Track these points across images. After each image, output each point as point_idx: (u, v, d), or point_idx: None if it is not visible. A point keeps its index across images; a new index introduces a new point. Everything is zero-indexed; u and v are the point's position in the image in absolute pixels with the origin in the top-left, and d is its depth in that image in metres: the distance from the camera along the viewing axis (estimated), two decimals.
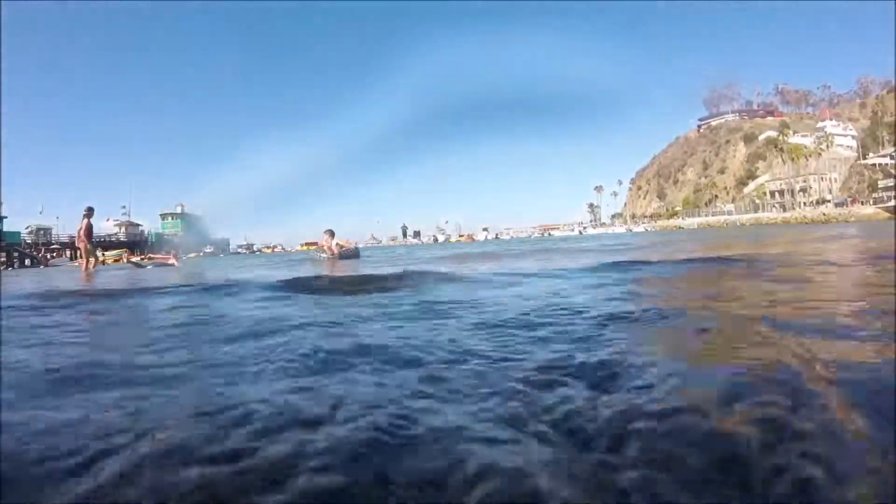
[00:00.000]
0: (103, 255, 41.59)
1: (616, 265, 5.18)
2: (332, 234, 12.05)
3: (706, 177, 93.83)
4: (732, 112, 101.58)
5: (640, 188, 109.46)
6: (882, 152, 68.93)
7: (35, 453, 0.90)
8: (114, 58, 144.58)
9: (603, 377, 1.25)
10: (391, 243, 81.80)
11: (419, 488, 0.75)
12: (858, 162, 72.76)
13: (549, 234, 75.98)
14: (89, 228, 10.49)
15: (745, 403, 0.96)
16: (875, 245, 7.18)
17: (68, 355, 1.91)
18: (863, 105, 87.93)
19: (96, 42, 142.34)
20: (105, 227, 52.06)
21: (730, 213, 75.87)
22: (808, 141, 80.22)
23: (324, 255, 11.90)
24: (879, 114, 78.11)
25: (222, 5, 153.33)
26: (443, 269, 6.04)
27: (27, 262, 36.24)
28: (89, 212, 10.58)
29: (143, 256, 18.20)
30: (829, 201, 68.97)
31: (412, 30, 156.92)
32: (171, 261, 17.77)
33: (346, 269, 7.70)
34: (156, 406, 1.18)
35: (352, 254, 12.01)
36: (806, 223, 48.22)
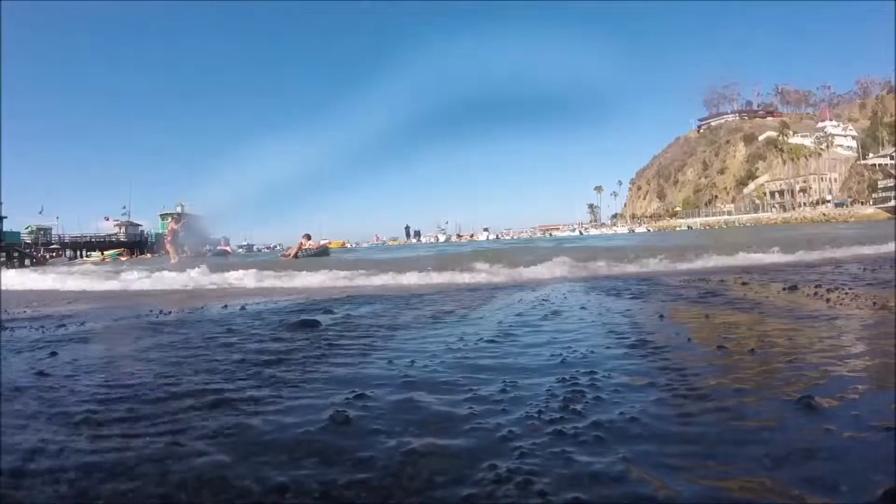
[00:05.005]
0: (102, 254, 41.70)
1: None
2: (308, 237, 14.14)
3: (706, 177, 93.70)
4: (732, 112, 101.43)
5: (639, 188, 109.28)
6: (882, 152, 68.84)
7: None
8: (114, 57, 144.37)
9: None
10: (392, 243, 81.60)
11: None
12: (858, 162, 72.65)
13: (550, 234, 75.77)
14: (174, 231, 12.64)
15: None
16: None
17: None
18: (863, 105, 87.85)
19: (96, 41, 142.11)
20: (105, 226, 51.95)
21: (729, 213, 75.75)
22: (808, 141, 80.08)
23: (285, 257, 13.94)
24: (879, 114, 78.03)
25: (223, 5, 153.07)
26: None
27: (27, 261, 36.12)
28: (177, 217, 12.64)
29: (227, 247, 21.18)
30: (829, 201, 68.85)
31: (412, 30, 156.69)
32: (227, 248, 21.60)
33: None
34: None
35: (315, 252, 13.80)
36: (805, 223, 48.14)
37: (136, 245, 48.22)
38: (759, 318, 2.52)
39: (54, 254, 41.00)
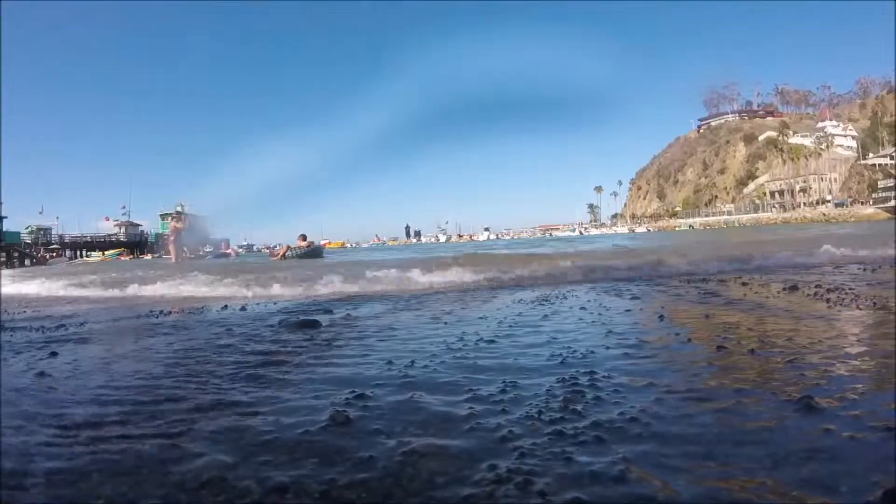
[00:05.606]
0: (102, 254, 41.76)
1: None
2: (303, 237, 14.01)
3: (706, 177, 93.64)
4: (732, 112, 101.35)
5: (639, 188, 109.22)
6: (882, 152, 68.81)
7: None
8: (114, 57, 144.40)
9: None
10: (392, 243, 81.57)
11: None
12: (858, 162, 72.63)
13: (550, 234, 75.73)
14: (176, 231, 13.07)
15: None
16: None
17: None
18: (863, 105, 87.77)
19: (97, 41, 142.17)
20: (105, 226, 51.98)
21: (729, 213, 75.72)
22: (808, 141, 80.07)
23: (273, 258, 13.98)
24: (879, 114, 77.99)
25: (223, 5, 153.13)
26: None
27: (27, 262, 36.13)
28: (179, 216, 12.78)
29: (228, 250, 21.43)
30: (829, 201, 68.84)
31: (412, 30, 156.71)
32: (230, 251, 21.68)
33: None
34: None
35: (305, 252, 13.41)
36: (806, 223, 48.13)
37: (136, 245, 48.25)
38: (759, 318, 2.52)
39: (54, 254, 41.03)
